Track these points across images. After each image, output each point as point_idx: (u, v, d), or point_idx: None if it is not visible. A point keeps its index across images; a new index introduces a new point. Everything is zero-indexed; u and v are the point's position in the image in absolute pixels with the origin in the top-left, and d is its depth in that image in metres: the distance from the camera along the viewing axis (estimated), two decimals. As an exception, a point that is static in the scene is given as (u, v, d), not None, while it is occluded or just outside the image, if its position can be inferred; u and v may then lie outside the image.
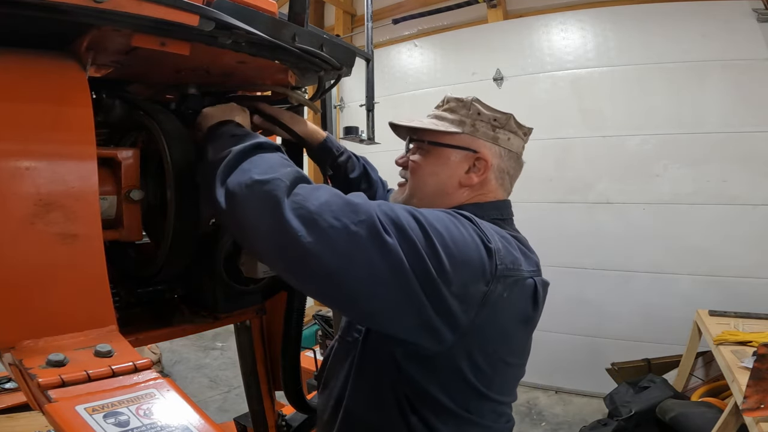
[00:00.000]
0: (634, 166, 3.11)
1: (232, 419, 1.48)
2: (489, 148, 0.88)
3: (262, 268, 0.99)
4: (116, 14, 0.63)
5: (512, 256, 0.76)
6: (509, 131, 0.90)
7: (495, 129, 0.89)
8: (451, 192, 0.89)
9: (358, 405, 0.84)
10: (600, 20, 3.22)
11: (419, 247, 0.64)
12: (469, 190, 0.89)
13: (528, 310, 0.80)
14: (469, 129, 0.88)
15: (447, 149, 0.89)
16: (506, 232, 0.82)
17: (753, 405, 1.54)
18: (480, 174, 0.88)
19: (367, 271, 0.62)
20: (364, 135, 1.60)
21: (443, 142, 0.89)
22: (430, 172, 0.89)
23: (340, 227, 0.62)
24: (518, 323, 0.80)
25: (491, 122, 0.89)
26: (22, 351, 0.59)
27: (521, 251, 0.80)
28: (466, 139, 0.88)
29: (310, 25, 0.89)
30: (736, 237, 2.90)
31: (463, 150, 0.88)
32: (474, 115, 0.89)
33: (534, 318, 0.83)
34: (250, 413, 1.33)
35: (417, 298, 0.64)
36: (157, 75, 0.97)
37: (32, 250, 0.62)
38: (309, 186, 0.68)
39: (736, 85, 2.87)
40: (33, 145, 0.63)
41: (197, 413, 0.52)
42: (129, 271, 0.98)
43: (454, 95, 0.92)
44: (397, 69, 4.08)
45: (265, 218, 0.64)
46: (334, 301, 0.70)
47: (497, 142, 0.89)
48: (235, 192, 0.67)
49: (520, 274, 0.77)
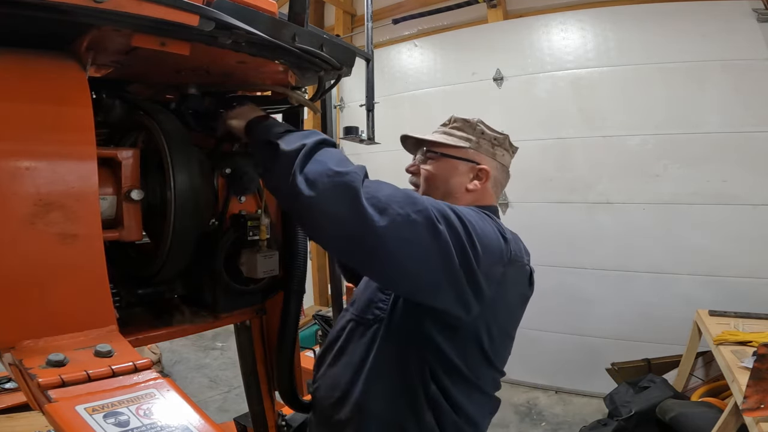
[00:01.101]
0: (634, 166, 3.11)
1: (232, 419, 1.48)
2: (489, 161, 1.06)
3: (262, 267, 0.99)
4: (116, 14, 0.63)
5: (518, 247, 0.96)
6: (504, 149, 1.09)
7: (494, 146, 1.07)
8: (458, 196, 1.04)
9: (382, 375, 0.96)
10: (600, 20, 3.22)
11: (461, 234, 0.80)
12: (472, 195, 1.05)
13: (526, 291, 1.01)
14: (474, 145, 1.06)
15: (456, 161, 1.05)
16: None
17: (753, 405, 1.54)
18: (482, 182, 1.05)
19: (423, 252, 0.77)
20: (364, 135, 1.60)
21: (454, 154, 1.05)
22: (443, 178, 1.05)
23: (404, 215, 0.75)
24: (519, 301, 1.01)
25: (492, 141, 1.07)
26: (22, 351, 0.59)
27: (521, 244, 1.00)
28: (472, 153, 1.05)
29: (310, 25, 0.89)
30: (736, 237, 2.89)
31: (469, 162, 1.05)
32: (479, 134, 1.06)
33: (528, 297, 1.03)
34: (250, 413, 1.33)
35: (457, 274, 0.79)
36: (157, 75, 0.97)
37: (32, 250, 0.62)
38: (373, 180, 0.81)
39: (736, 85, 2.87)
40: (33, 145, 0.63)
41: (197, 413, 0.52)
42: (129, 271, 0.98)
43: (461, 116, 1.09)
44: (397, 69, 4.08)
45: (344, 205, 0.75)
46: (390, 277, 0.82)
47: (495, 158, 1.07)
48: (316, 180, 0.76)
49: (523, 261, 0.97)
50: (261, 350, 1.24)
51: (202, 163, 0.98)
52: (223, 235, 1.00)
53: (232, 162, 1.01)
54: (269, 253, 1.00)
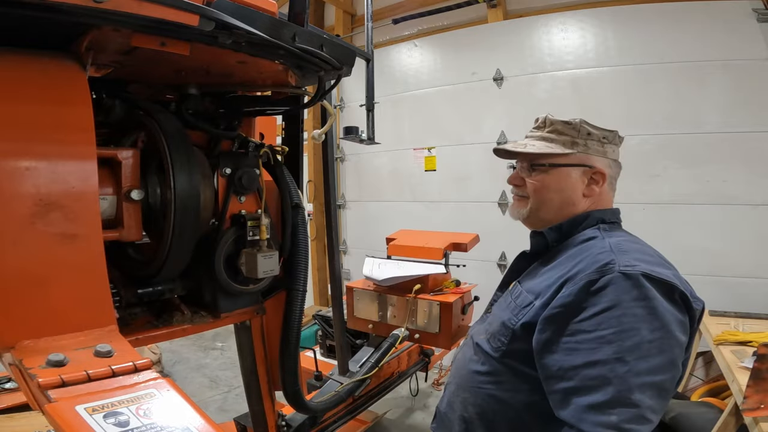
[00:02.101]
0: (634, 166, 3.11)
1: (232, 419, 1.48)
2: (601, 161, 1.03)
3: (262, 267, 0.99)
4: (116, 14, 0.63)
5: (689, 289, 0.89)
6: (614, 144, 1.06)
7: (603, 145, 1.04)
8: (577, 202, 1.02)
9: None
10: (600, 20, 3.22)
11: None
12: (590, 200, 1.03)
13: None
14: (582, 148, 1.02)
15: (566, 168, 1.02)
16: (651, 251, 0.98)
17: (753, 405, 1.54)
18: (600, 185, 1.02)
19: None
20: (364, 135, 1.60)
21: (562, 162, 1.02)
22: (556, 189, 1.02)
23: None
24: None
25: (600, 140, 1.03)
26: (22, 351, 0.59)
27: (671, 268, 0.92)
28: (581, 157, 1.02)
29: (310, 25, 0.89)
30: (736, 237, 2.89)
31: (580, 167, 1.02)
32: (585, 135, 1.02)
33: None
34: (250, 413, 1.33)
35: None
36: (157, 75, 0.97)
37: (32, 250, 0.62)
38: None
39: (736, 85, 2.86)
40: (33, 145, 0.63)
41: (197, 413, 0.52)
42: (129, 271, 0.98)
43: (559, 118, 1.04)
44: (397, 69, 4.08)
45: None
46: None
47: (606, 155, 1.04)
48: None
49: (694, 323, 0.88)
50: (261, 350, 1.24)
51: (202, 163, 0.98)
52: (223, 235, 1.00)
53: (232, 162, 1.01)
54: (269, 253, 1.00)
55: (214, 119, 1.07)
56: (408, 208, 4.04)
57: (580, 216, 1.02)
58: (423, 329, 1.92)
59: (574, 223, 1.02)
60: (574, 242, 0.99)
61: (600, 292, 0.82)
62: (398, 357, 2.16)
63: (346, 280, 4.09)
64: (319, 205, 4.62)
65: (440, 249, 2.14)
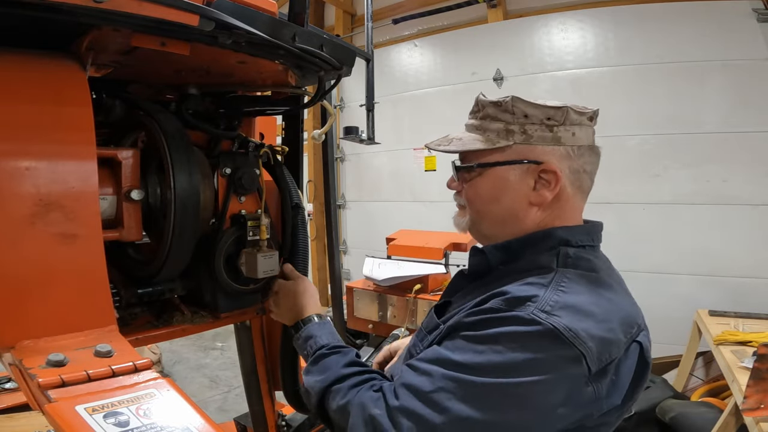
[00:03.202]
0: (634, 166, 3.11)
1: (232, 419, 1.48)
2: (552, 152, 0.74)
3: (262, 267, 0.99)
4: (116, 14, 0.63)
5: (607, 346, 0.64)
6: (571, 125, 0.74)
7: (552, 128, 0.74)
8: (521, 215, 0.76)
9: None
10: (600, 20, 3.22)
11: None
12: (543, 211, 0.76)
13: (639, 374, 0.71)
14: (520, 138, 0.74)
15: (501, 167, 0.75)
16: (601, 289, 0.70)
17: (753, 405, 1.54)
18: (552, 187, 0.74)
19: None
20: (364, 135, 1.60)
21: (494, 160, 0.75)
22: (490, 198, 0.77)
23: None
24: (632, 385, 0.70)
25: (545, 122, 0.74)
26: (22, 351, 0.59)
27: (619, 313, 0.69)
28: (521, 149, 0.74)
29: (310, 25, 0.89)
30: (736, 237, 2.89)
31: (521, 164, 0.74)
32: (521, 118, 0.74)
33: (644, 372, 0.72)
34: (250, 413, 1.33)
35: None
36: (157, 75, 0.97)
37: (32, 250, 0.62)
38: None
39: (736, 85, 2.87)
40: (33, 146, 0.63)
41: (197, 413, 0.52)
42: (129, 271, 0.98)
43: (488, 98, 0.77)
44: (397, 69, 4.08)
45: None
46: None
47: (560, 142, 0.74)
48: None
49: (617, 355, 0.65)
50: (261, 350, 1.24)
51: (202, 163, 0.98)
52: (223, 235, 1.00)
53: (232, 162, 1.01)
54: (269, 253, 1.00)
55: (214, 119, 1.07)
56: (408, 208, 4.05)
57: (536, 234, 0.76)
58: (423, 329, 1.92)
59: (526, 243, 0.76)
60: (518, 269, 0.74)
61: (490, 322, 0.65)
62: (398, 357, 2.16)
63: (346, 280, 4.09)
64: (319, 205, 4.62)
65: (440, 249, 2.14)
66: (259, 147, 1.08)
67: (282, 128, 1.33)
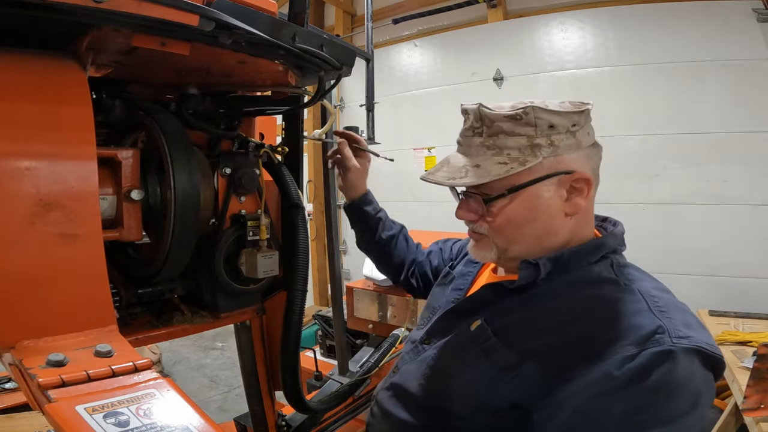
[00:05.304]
0: (634, 166, 3.11)
1: (232, 419, 1.48)
2: (577, 159, 0.71)
3: (262, 267, 0.99)
4: (116, 14, 0.63)
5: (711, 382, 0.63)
6: (587, 125, 0.74)
7: (575, 134, 0.71)
8: (558, 229, 0.73)
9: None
10: (600, 20, 3.22)
11: None
12: (575, 220, 0.74)
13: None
14: (548, 151, 0.69)
15: (534, 186, 0.71)
16: (672, 296, 0.68)
17: (753, 405, 1.54)
18: (585, 195, 0.72)
19: None
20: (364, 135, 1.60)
21: (525, 181, 0.70)
22: (525, 221, 0.72)
23: None
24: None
25: (570, 129, 0.70)
26: (22, 351, 0.59)
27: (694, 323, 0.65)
28: (550, 162, 0.70)
29: (310, 25, 0.89)
30: (736, 237, 2.89)
31: (552, 177, 0.70)
32: (546, 129, 0.69)
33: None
34: (250, 413, 1.33)
35: None
36: (157, 75, 0.97)
37: (32, 250, 0.62)
38: None
39: (736, 85, 2.87)
40: (33, 145, 0.63)
41: (197, 413, 0.52)
42: (129, 271, 0.98)
43: (497, 111, 0.71)
44: (397, 69, 4.08)
45: None
46: None
47: (581, 146, 0.72)
48: None
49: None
50: (261, 350, 1.24)
51: (202, 163, 0.98)
52: (223, 235, 1.00)
53: (232, 162, 1.01)
54: (269, 253, 1.00)
55: (214, 119, 1.07)
56: (408, 208, 4.04)
57: (589, 245, 0.73)
58: (423, 329, 1.92)
59: (580, 254, 0.73)
60: (576, 282, 0.71)
61: (640, 374, 0.58)
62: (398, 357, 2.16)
63: (346, 280, 4.09)
64: (319, 205, 4.62)
65: (440, 249, 2.14)
66: (259, 147, 1.08)
67: (282, 128, 1.33)
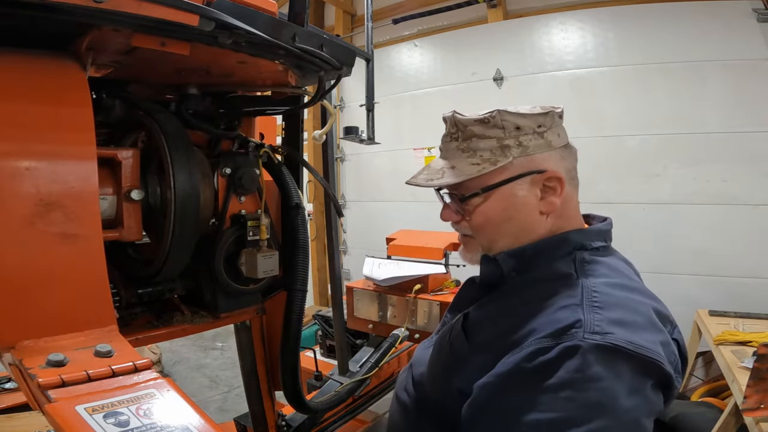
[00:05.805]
0: (634, 166, 3.11)
1: (232, 419, 1.48)
2: (549, 158, 0.76)
3: (262, 267, 0.99)
4: (116, 14, 0.63)
5: (668, 347, 0.67)
6: (555, 126, 0.78)
7: (543, 135, 0.76)
8: (535, 226, 0.77)
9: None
10: (600, 20, 3.22)
11: None
12: (552, 219, 0.78)
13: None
14: (517, 151, 0.74)
15: (507, 185, 0.75)
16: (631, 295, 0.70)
17: (753, 405, 1.54)
18: (558, 193, 0.76)
19: None
20: (364, 135, 1.60)
21: (498, 180, 0.75)
22: (502, 219, 0.77)
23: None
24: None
25: (536, 130, 0.75)
26: (22, 351, 0.59)
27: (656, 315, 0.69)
28: (521, 162, 0.75)
29: (310, 25, 0.89)
30: (736, 237, 2.89)
31: (525, 176, 0.75)
32: (512, 131, 0.74)
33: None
34: (250, 413, 1.33)
35: None
36: (157, 75, 0.97)
37: (32, 250, 0.62)
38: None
39: (736, 85, 2.87)
40: (33, 145, 0.63)
41: (197, 413, 0.52)
42: (129, 271, 0.98)
43: (468, 116, 0.77)
44: (397, 69, 4.08)
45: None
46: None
47: (551, 146, 0.76)
48: None
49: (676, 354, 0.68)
50: (261, 350, 1.24)
51: (202, 163, 0.98)
52: (223, 235, 1.00)
53: (232, 162, 1.01)
54: (269, 253, 1.00)
55: (214, 119, 1.07)
56: (408, 208, 4.04)
57: (551, 240, 0.77)
58: (423, 329, 1.92)
59: (541, 249, 0.76)
60: (537, 278, 0.74)
61: (548, 368, 0.60)
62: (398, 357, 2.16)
63: (346, 280, 4.09)
64: (319, 205, 4.62)
65: (440, 249, 2.14)
66: (259, 147, 1.08)
67: (282, 128, 1.33)
